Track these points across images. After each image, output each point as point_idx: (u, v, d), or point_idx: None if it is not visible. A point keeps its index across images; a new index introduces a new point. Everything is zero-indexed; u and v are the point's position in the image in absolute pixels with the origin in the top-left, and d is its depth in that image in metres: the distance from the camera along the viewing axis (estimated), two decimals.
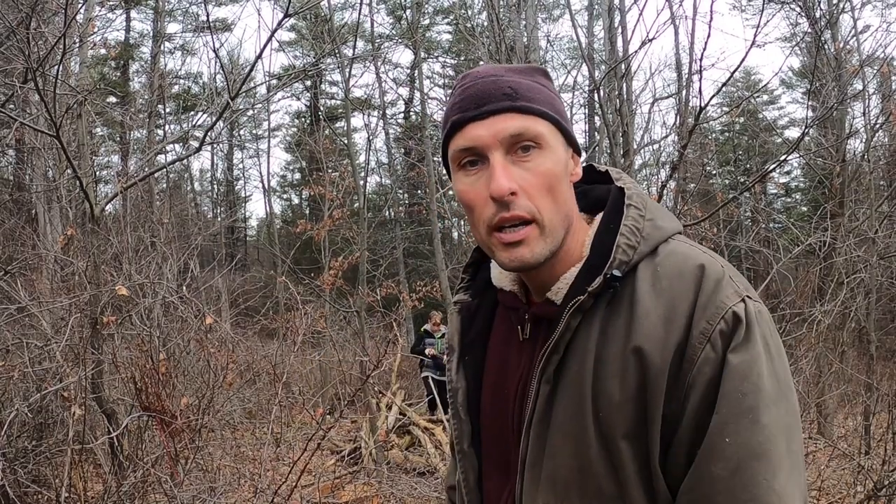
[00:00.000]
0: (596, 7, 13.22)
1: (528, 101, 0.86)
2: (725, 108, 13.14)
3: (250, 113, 18.30)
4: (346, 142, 8.76)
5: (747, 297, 0.81)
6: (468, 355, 1.03)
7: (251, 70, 4.57)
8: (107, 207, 5.58)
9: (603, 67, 9.55)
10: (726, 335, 0.78)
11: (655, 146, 8.68)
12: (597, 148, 9.01)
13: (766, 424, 0.76)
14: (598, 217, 0.94)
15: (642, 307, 0.82)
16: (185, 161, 15.04)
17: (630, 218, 0.87)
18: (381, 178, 21.28)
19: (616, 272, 0.83)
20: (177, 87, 19.13)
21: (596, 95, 4.53)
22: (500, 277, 1.01)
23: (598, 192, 0.97)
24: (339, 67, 9.89)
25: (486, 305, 1.04)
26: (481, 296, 1.05)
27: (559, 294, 0.89)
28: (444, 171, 0.98)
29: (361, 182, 8.33)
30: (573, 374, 0.84)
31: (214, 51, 4.47)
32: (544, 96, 0.88)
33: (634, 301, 0.82)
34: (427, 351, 8.42)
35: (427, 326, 8.71)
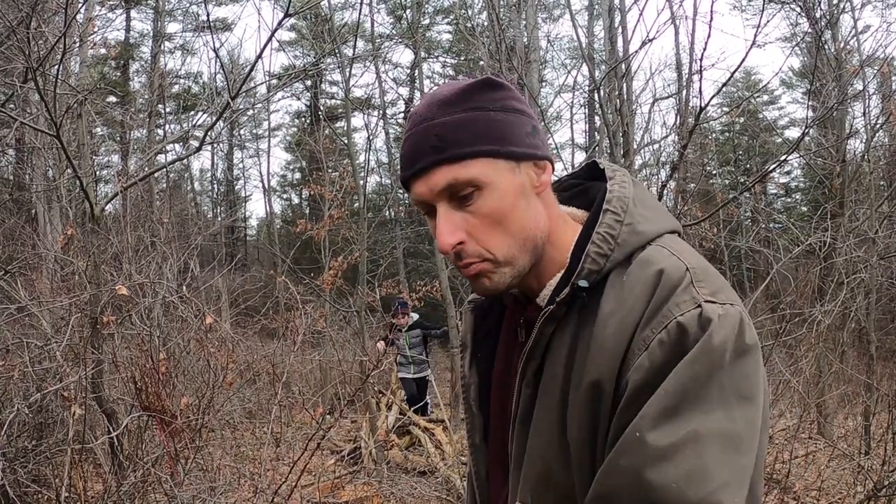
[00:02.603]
0: (596, 7, 13.22)
1: (455, 146, 0.83)
2: (725, 108, 13.14)
3: (250, 113, 18.28)
4: (346, 142, 8.76)
5: (707, 301, 0.77)
6: (480, 352, 1.06)
7: (251, 70, 4.57)
8: (107, 207, 5.57)
9: (603, 67, 9.55)
10: (665, 345, 0.75)
11: (656, 146, 8.67)
12: (597, 148, 9.01)
13: (689, 428, 0.71)
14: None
15: (601, 318, 0.81)
16: (185, 161, 15.05)
17: (604, 225, 0.86)
18: (381, 177, 21.28)
19: (582, 282, 0.83)
20: (177, 86, 19.11)
21: (596, 95, 4.53)
22: None
23: (595, 191, 0.97)
24: (339, 67, 9.89)
25: (497, 305, 1.07)
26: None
27: (545, 300, 0.91)
28: None
29: (361, 182, 8.32)
30: (548, 379, 0.86)
31: (214, 50, 4.47)
32: (478, 128, 0.84)
33: (598, 312, 0.83)
34: (379, 344, 8.09)
35: (393, 320, 8.29)
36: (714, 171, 19.65)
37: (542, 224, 0.89)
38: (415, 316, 8.37)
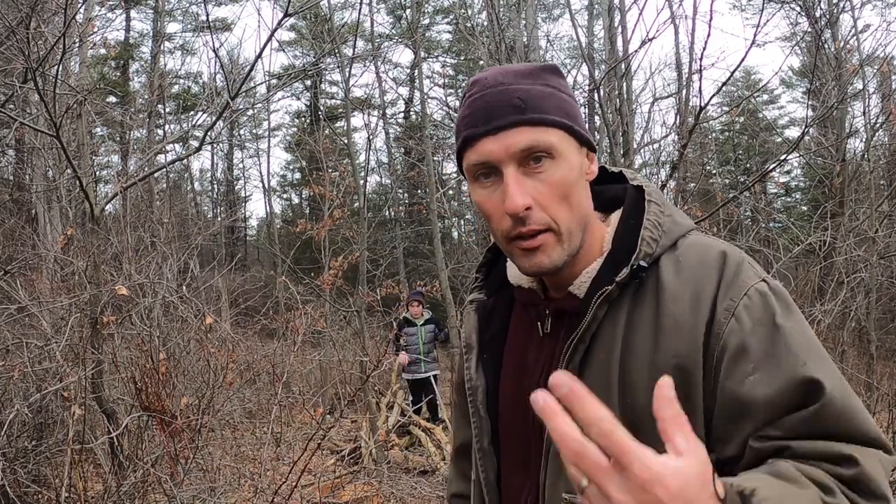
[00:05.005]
0: (596, 7, 13.22)
1: (537, 111, 0.86)
2: (725, 108, 13.12)
3: (250, 113, 18.27)
4: (346, 141, 8.76)
5: (764, 278, 0.86)
6: (486, 353, 1.04)
7: (251, 70, 4.57)
8: (107, 207, 5.57)
9: (603, 67, 9.55)
10: (749, 308, 0.82)
11: (655, 146, 8.69)
12: (597, 147, 9.00)
13: (793, 329, 0.82)
14: (614, 215, 0.97)
15: (669, 294, 0.85)
16: (185, 161, 15.04)
17: (652, 213, 0.91)
18: (381, 177, 21.29)
19: (642, 263, 0.86)
20: (177, 86, 19.13)
21: (596, 95, 4.53)
22: (517, 275, 1.02)
23: (612, 192, 1.00)
24: (339, 67, 9.89)
25: (501, 303, 1.06)
26: (496, 294, 1.07)
27: (582, 287, 0.92)
28: (447, 173, 0.96)
29: (361, 182, 8.33)
30: (599, 363, 0.87)
31: (214, 50, 4.47)
32: (555, 101, 0.88)
33: (660, 289, 0.86)
34: (401, 357, 7.46)
35: (407, 314, 7.81)
36: (714, 171, 19.63)
37: (590, 210, 0.93)
38: (428, 312, 7.95)
